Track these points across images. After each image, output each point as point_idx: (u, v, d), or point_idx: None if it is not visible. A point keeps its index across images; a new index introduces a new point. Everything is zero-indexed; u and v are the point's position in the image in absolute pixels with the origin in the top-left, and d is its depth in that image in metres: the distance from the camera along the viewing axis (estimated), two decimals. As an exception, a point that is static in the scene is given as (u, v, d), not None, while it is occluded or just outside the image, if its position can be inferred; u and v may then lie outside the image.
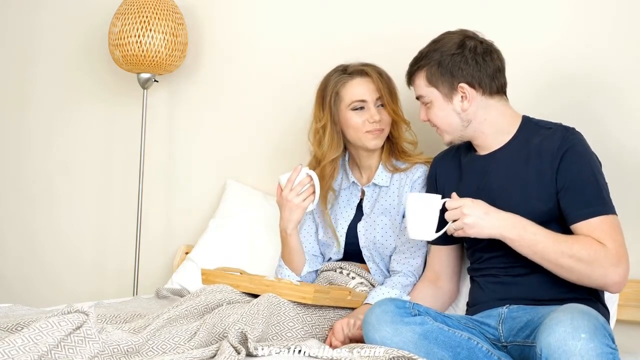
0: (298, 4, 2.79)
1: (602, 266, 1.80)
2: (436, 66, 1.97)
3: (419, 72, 2.01)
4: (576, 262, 1.81)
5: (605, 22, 2.29)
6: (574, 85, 2.32)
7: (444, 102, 1.99)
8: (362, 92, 2.23)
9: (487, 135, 2.01)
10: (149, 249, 2.96)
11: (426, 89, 2.00)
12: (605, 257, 1.81)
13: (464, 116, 1.99)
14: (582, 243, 1.82)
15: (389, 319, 1.77)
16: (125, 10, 2.76)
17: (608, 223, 1.85)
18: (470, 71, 1.96)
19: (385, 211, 2.25)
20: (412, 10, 2.58)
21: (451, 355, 1.74)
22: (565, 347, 1.53)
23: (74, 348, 1.54)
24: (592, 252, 1.81)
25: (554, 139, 1.93)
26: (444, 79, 1.97)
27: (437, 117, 2.01)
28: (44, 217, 3.25)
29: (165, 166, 3.01)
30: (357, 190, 2.31)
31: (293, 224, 2.20)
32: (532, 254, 1.84)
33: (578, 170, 1.89)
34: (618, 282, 1.82)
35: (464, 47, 1.97)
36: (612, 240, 1.82)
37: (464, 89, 1.96)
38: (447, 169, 2.14)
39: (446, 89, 1.98)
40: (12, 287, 3.28)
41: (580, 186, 1.88)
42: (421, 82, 2.01)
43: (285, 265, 2.27)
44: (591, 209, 1.86)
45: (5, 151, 3.35)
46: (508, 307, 1.91)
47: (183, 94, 2.99)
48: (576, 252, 1.81)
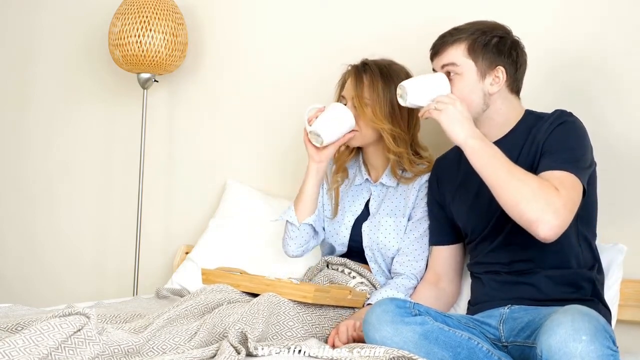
0: (298, 4, 2.79)
1: (546, 202, 1.75)
2: (481, 42, 1.96)
3: (459, 42, 1.97)
4: (522, 186, 1.77)
5: (603, 12, 2.29)
6: (570, 72, 2.32)
7: (476, 77, 1.97)
8: (346, 87, 2.26)
9: (495, 125, 2.02)
10: (149, 249, 2.96)
11: (463, 59, 1.97)
12: (554, 196, 1.76)
13: (487, 99, 1.98)
14: (538, 177, 1.81)
15: (389, 318, 1.76)
16: (125, 10, 2.76)
17: (570, 179, 1.82)
18: (510, 60, 1.98)
19: (390, 212, 2.25)
20: (412, 10, 2.58)
21: (451, 355, 1.74)
22: (565, 349, 1.53)
23: (74, 349, 1.54)
24: (543, 187, 1.77)
25: (550, 119, 1.95)
26: (486, 57, 1.96)
27: (461, 92, 1.96)
28: (44, 217, 3.25)
29: (165, 166, 3.01)
30: (369, 187, 2.32)
31: (310, 157, 2.22)
32: (485, 167, 1.82)
33: (562, 139, 1.90)
34: (553, 225, 1.74)
35: (509, 36, 2.00)
36: (565, 191, 1.78)
37: (499, 73, 1.97)
38: (447, 171, 2.15)
39: (485, 66, 1.97)
40: (12, 287, 3.28)
41: (558, 148, 1.88)
42: (459, 51, 1.97)
43: (292, 206, 2.28)
44: (559, 164, 1.84)
45: (5, 151, 3.35)
46: (510, 308, 1.92)
47: (183, 94, 2.99)
48: (527, 180, 1.78)
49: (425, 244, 2.20)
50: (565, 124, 1.92)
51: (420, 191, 2.23)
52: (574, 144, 1.89)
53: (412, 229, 2.22)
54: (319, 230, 2.31)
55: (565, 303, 1.74)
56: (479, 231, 2.02)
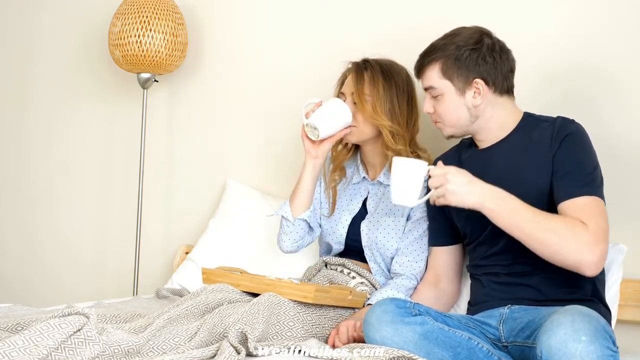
0: (298, 4, 2.79)
1: (579, 243, 1.76)
2: (453, 59, 1.96)
3: (433, 64, 1.99)
4: (552, 236, 1.78)
5: (603, 13, 2.29)
6: (569, 77, 2.32)
7: (456, 95, 1.98)
8: (346, 84, 2.27)
9: (491, 131, 2.02)
10: (149, 249, 2.96)
11: (439, 80, 1.98)
12: (584, 234, 1.77)
13: (474, 112, 1.99)
14: (561, 218, 1.82)
15: (389, 318, 1.76)
16: (125, 10, 2.76)
17: (592, 204, 1.83)
18: (486, 68, 1.96)
19: (389, 212, 2.25)
20: (413, 10, 2.58)
21: (451, 355, 1.74)
22: (565, 349, 1.53)
23: (74, 350, 1.54)
24: (570, 228, 1.78)
25: (554, 127, 1.94)
26: (460, 73, 1.96)
27: (445, 110, 2.00)
28: (44, 217, 3.25)
29: (165, 166, 3.01)
30: (367, 186, 2.32)
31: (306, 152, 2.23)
32: (509, 225, 1.82)
33: (573, 155, 1.89)
34: (593, 262, 1.76)
35: (481, 43, 1.97)
36: (594, 221, 1.79)
37: (479, 85, 1.96)
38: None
39: (461, 83, 1.97)
40: (12, 287, 3.28)
41: (572, 168, 1.88)
42: (434, 73, 1.99)
43: (287, 202, 2.29)
44: (578, 189, 1.84)
45: (5, 151, 3.35)
46: (510, 308, 1.91)
47: (183, 94, 2.99)
48: (553, 226, 1.78)
49: (425, 244, 2.20)
50: (571, 137, 1.91)
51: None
52: (585, 159, 1.90)
53: (412, 229, 2.22)
54: (314, 227, 2.32)
55: (566, 303, 1.74)
56: (477, 233, 2.02)
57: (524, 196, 1.89)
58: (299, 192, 2.26)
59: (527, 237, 1.80)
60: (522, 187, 1.91)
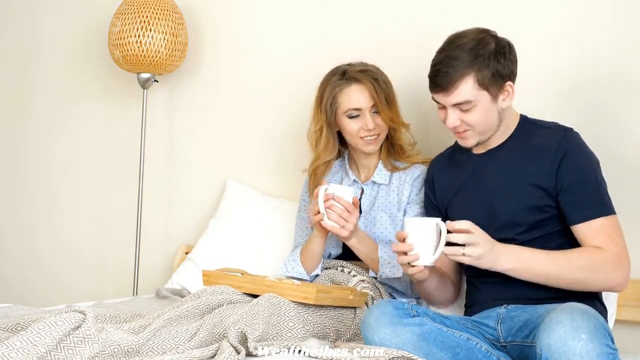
0: (298, 4, 2.79)
1: (605, 271, 1.83)
2: (487, 69, 1.90)
3: (466, 76, 1.89)
4: (579, 274, 1.83)
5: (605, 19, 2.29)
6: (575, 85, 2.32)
7: (491, 103, 1.94)
8: (357, 100, 2.23)
9: (498, 133, 2.01)
10: (149, 249, 2.96)
11: (476, 92, 1.91)
12: (607, 261, 1.83)
13: (502, 114, 1.98)
14: (581, 253, 1.85)
15: (387, 320, 1.76)
16: (125, 10, 2.76)
17: (609, 225, 1.87)
18: (513, 68, 1.96)
19: (385, 208, 2.26)
20: (413, 10, 2.58)
21: (450, 355, 1.74)
22: (565, 347, 1.54)
23: (73, 349, 1.53)
24: (592, 260, 1.83)
25: (554, 139, 1.93)
26: (495, 80, 1.91)
27: (479, 119, 1.94)
28: (44, 217, 3.25)
29: (165, 166, 3.01)
30: (358, 188, 2.32)
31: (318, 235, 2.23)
32: (535, 277, 1.85)
33: (579, 172, 1.90)
34: (621, 283, 1.86)
35: (500, 45, 1.94)
36: (613, 243, 1.85)
37: (508, 87, 1.95)
38: (443, 171, 2.15)
39: (496, 89, 1.93)
40: (12, 287, 3.28)
41: (580, 187, 1.89)
42: (468, 87, 1.90)
43: (298, 261, 2.28)
44: (592, 210, 1.87)
45: (5, 151, 3.35)
46: (506, 307, 1.92)
47: (183, 94, 2.99)
48: (576, 264, 1.83)
49: None
50: (574, 154, 1.91)
51: (414, 186, 2.26)
52: (591, 174, 1.91)
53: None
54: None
55: (562, 301, 1.75)
56: None
57: (523, 205, 1.90)
58: (311, 256, 2.27)
59: (556, 282, 1.85)
60: (521, 196, 1.92)
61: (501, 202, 1.94)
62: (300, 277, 2.26)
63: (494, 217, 1.95)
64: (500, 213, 1.95)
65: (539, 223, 1.91)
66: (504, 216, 1.94)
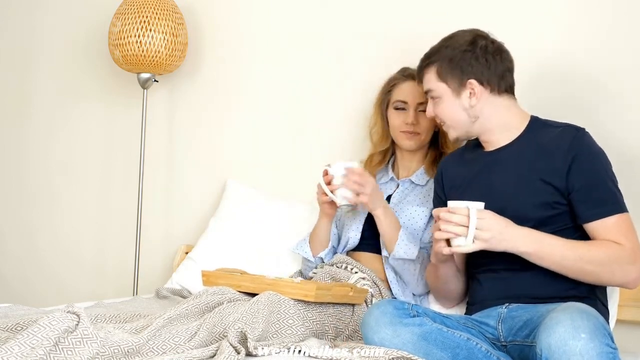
0: (298, 4, 2.79)
1: (621, 266, 1.84)
2: (447, 61, 2.01)
3: (430, 67, 2.05)
4: (596, 266, 1.84)
5: (605, 19, 2.29)
6: (574, 83, 2.32)
7: (452, 97, 2.02)
8: (406, 94, 2.33)
9: (494, 132, 2.04)
10: (149, 249, 2.96)
11: (436, 83, 2.04)
12: (623, 256, 1.85)
13: (471, 112, 2.02)
14: (599, 246, 1.86)
15: (387, 320, 1.76)
16: (125, 10, 2.76)
17: (622, 222, 1.89)
18: (480, 68, 1.99)
19: (413, 203, 2.30)
20: (413, 11, 2.58)
21: (450, 356, 1.74)
22: (565, 347, 1.54)
23: (72, 350, 1.53)
24: (610, 254, 1.84)
25: (565, 139, 1.94)
26: (454, 74, 2.00)
27: (444, 112, 2.05)
28: (44, 217, 3.25)
29: (165, 166, 3.01)
30: (393, 185, 2.38)
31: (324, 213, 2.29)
32: (551, 264, 1.86)
33: (591, 172, 1.91)
34: (635, 279, 1.87)
35: (475, 44, 2.01)
36: (628, 239, 1.86)
37: (473, 85, 1.99)
38: (453, 169, 2.15)
39: (455, 84, 2.01)
40: (12, 287, 3.28)
41: (593, 186, 1.90)
42: (431, 76, 2.04)
43: (307, 241, 2.35)
44: (605, 208, 1.89)
45: (5, 151, 3.35)
46: (507, 307, 1.92)
47: (183, 94, 2.99)
48: (594, 256, 1.84)
49: None
50: (587, 154, 1.92)
51: None
52: (602, 174, 1.92)
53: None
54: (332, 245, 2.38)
55: (563, 300, 1.76)
56: None
57: (533, 203, 1.90)
58: (318, 237, 2.33)
59: (571, 272, 1.86)
60: (531, 195, 1.92)
61: (510, 197, 1.94)
62: (305, 256, 2.34)
63: (503, 212, 1.93)
64: (508, 208, 1.93)
65: (547, 219, 1.91)
66: (512, 211, 1.93)
